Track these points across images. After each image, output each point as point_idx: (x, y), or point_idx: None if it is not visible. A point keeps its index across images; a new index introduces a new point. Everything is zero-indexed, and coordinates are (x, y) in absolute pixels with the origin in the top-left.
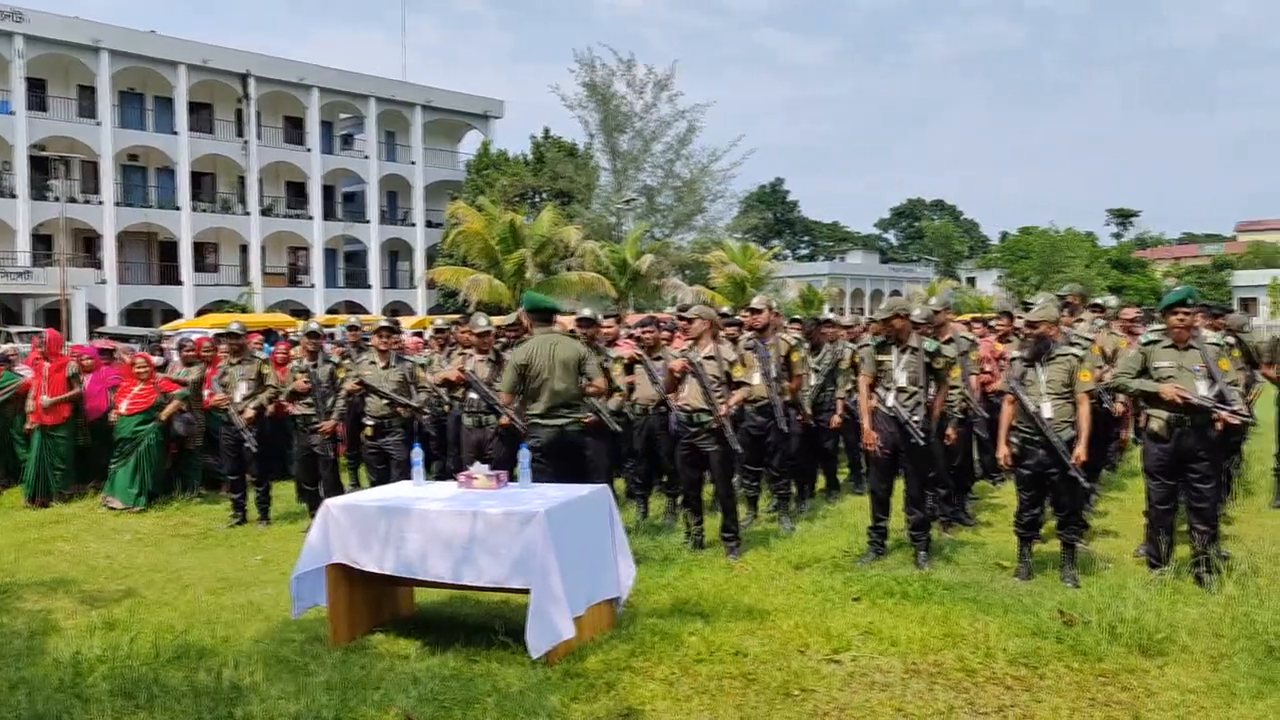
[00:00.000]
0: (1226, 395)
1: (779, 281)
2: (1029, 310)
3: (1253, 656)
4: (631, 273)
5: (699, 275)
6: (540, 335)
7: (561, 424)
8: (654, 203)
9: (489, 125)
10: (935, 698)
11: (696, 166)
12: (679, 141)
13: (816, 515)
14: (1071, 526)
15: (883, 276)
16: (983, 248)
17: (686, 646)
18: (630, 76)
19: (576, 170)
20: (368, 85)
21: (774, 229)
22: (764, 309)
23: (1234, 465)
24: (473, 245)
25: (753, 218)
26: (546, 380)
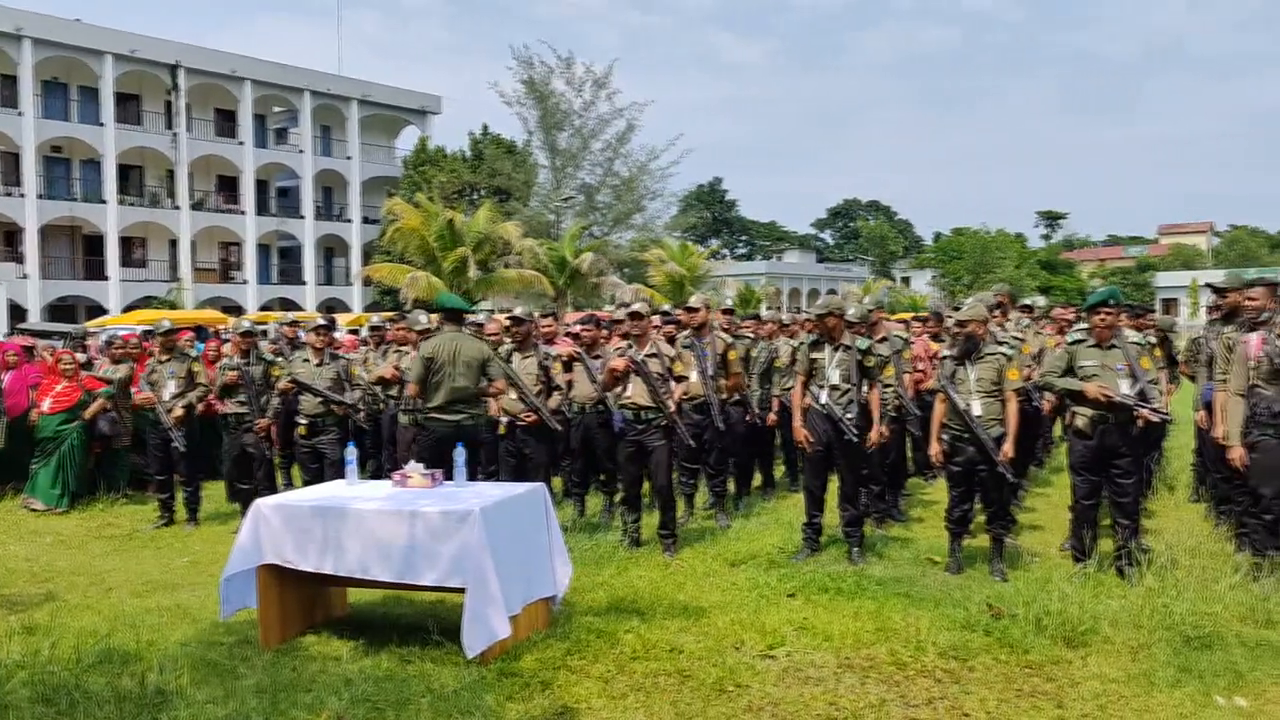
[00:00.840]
0: (1147, 393)
1: (717, 280)
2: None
3: (1170, 646)
4: (570, 271)
5: (638, 273)
6: (447, 333)
7: (458, 419)
8: (593, 201)
9: (427, 121)
10: (867, 691)
11: (635, 165)
12: (618, 140)
13: (753, 512)
14: (1000, 522)
15: (819, 276)
16: (917, 248)
17: (622, 644)
18: (569, 74)
19: (515, 168)
20: (302, 78)
21: (712, 228)
22: (701, 307)
23: (1154, 461)
24: (410, 242)
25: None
26: (448, 376)
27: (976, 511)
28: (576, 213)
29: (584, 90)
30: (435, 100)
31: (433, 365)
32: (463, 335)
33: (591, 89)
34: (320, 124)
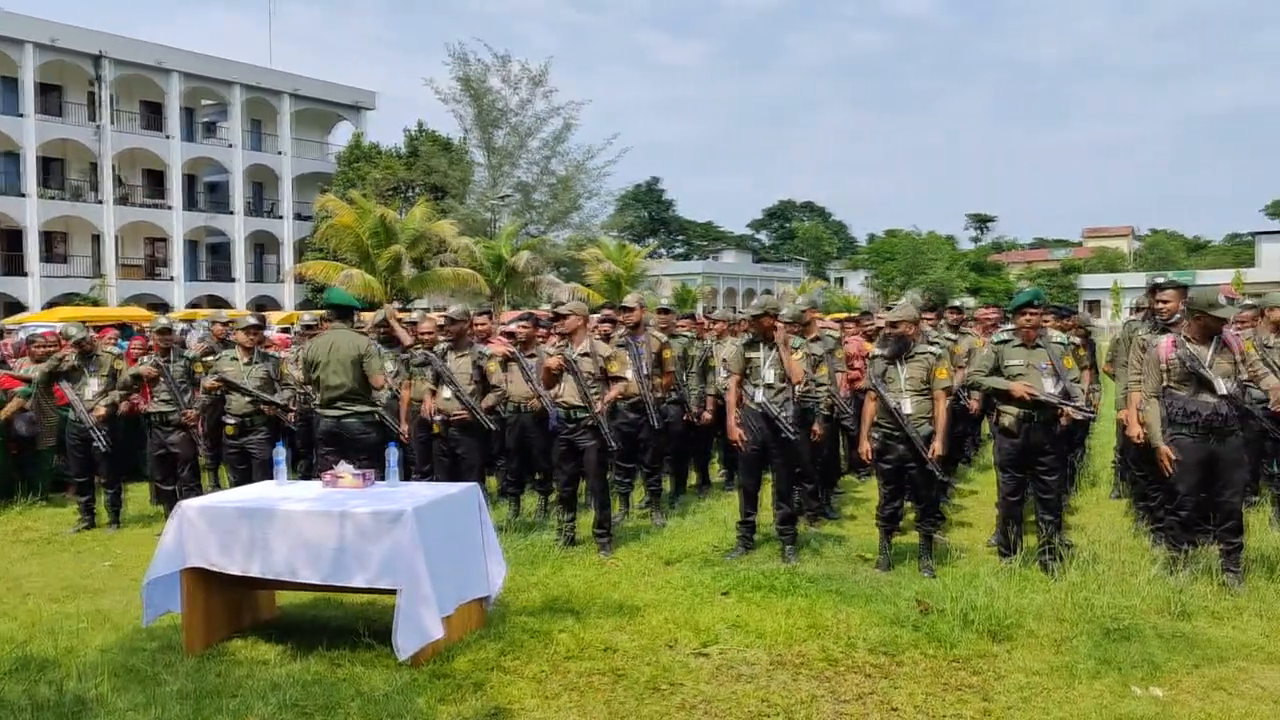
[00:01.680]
0: (1071, 392)
1: (654, 279)
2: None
3: (1092, 639)
4: (507, 269)
5: (575, 272)
6: (330, 331)
7: (338, 415)
8: (530, 199)
9: (361, 116)
10: (799, 687)
11: (572, 164)
12: (555, 138)
13: (688, 511)
14: (930, 519)
15: (755, 276)
16: (851, 249)
17: (557, 644)
18: (505, 72)
19: (451, 165)
20: (232, 71)
21: (650, 227)
22: (636, 306)
23: (1078, 458)
24: (344, 239)
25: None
26: (323, 374)
27: (907, 509)
28: (513, 211)
29: (520, 88)
30: (370, 96)
31: (313, 363)
32: (342, 332)
33: (528, 87)
34: (251, 118)
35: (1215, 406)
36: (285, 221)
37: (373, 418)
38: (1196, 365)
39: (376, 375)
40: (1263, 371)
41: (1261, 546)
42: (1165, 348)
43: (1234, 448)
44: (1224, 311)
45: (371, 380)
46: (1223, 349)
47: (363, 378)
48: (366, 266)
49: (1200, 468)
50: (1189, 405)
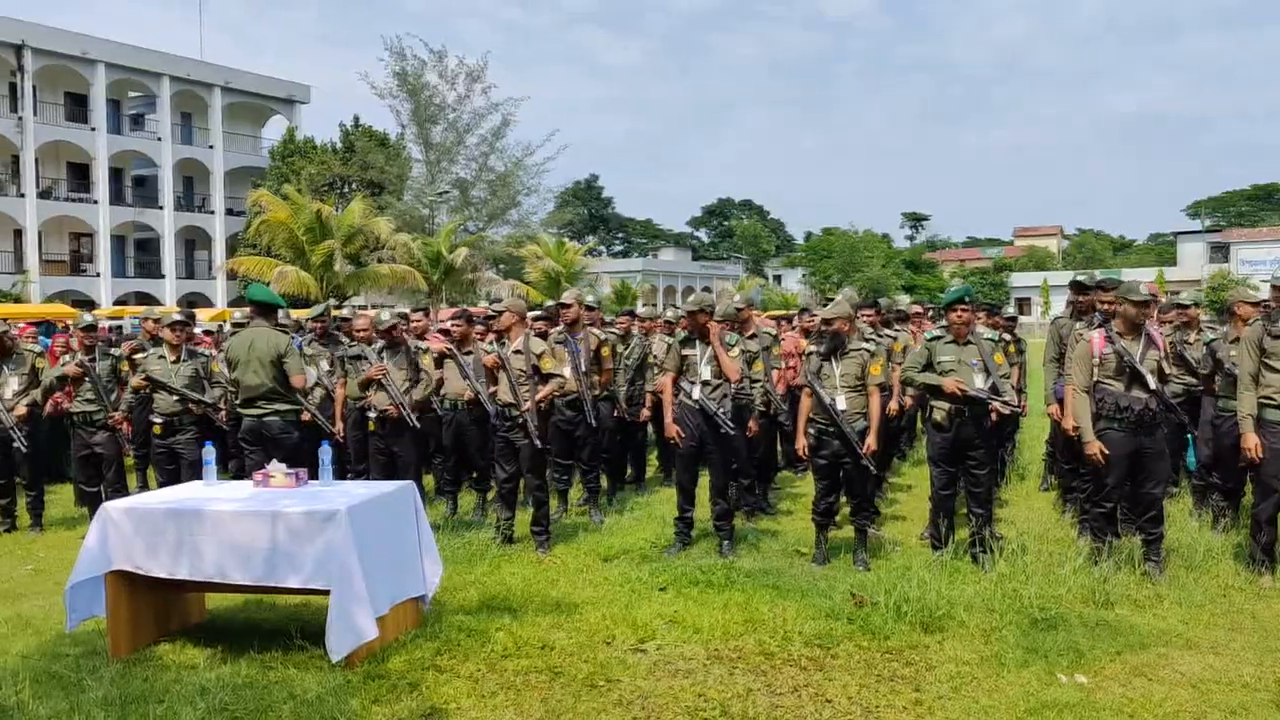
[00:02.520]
0: (1000, 387)
1: (593, 277)
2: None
3: (1019, 629)
4: (445, 266)
5: (514, 269)
6: (250, 329)
7: (259, 414)
8: (468, 196)
9: (295, 110)
10: (735, 681)
11: (511, 160)
12: (493, 135)
13: (626, 508)
14: (864, 513)
15: (694, 273)
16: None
17: (493, 642)
18: (442, 68)
19: (388, 161)
20: (161, 62)
21: (589, 225)
22: (573, 303)
23: (1008, 452)
24: (277, 235)
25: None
26: (242, 373)
27: (842, 503)
28: (451, 208)
29: (458, 84)
30: (304, 90)
31: (232, 362)
32: (262, 330)
33: (465, 83)
34: (180, 111)
35: (1146, 401)
36: (217, 217)
37: (295, 417)
38: (1131, 360)
39: (296, 374)
40: (1177, 372)
41: (1181, 537)
42: (1097, 343)
43: (1158, 441)
44: (1141, 294)
45: (291, 379)
46: (1150, 345)
47: (283, 376)
48: (301, 263)
49: (1127, 461)
50: (1121, 400)
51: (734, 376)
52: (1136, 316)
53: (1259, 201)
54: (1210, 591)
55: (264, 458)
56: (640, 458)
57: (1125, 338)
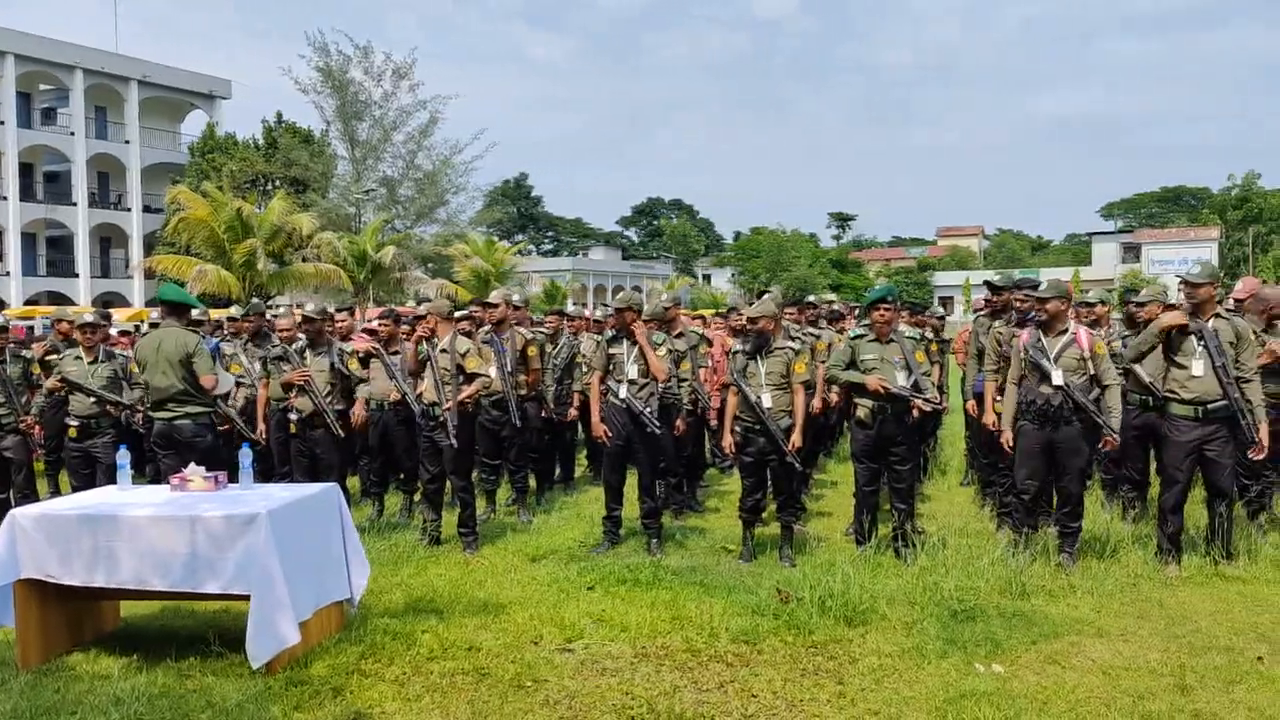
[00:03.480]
0: (921, 385)
1: (523, 276)
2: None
3: (939, 620)
4: (371, 265)
5: (442, 268)
6: (159, 329)
7: (170, 417)
8: (395, 194)
9: (215, 106)
10: (661, 679)
11: (438, 158)
12: (420, 133)
13: (554, 507)
14: (790, 510)
15: (624, 273)
16: (717, 246)
17: (419, 645)
18: (368, 64)
19: (312, 158)
20: (73, 54)
21: (518, 224)
22: (500, 303)
23: (930, 448)
24: (197, 233)
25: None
26: (151, 374)
27: (769, 500)
28: (378, 206)
29: (384, 80)
30: (224, 84)
31: (141, 363)
32: (171, 330)
33: (392, 79)
34: (94, 105)
35: (1049, 396)
36: (133, 214)
37: (207, 419)
38: (1038, 355)
39: (205, 375)
40: (1110, 380)
41: (1093, 528)
42: (1024, 338)
43: (1070, 436)
44: (1042, 291)
45: (200, 380)
46: (1071, 344)
47: (192, 378)
48: (222, 262)
49: (1039, 454)
50: (1029, 394)
51: (661, 376)
52: (1056, 314)
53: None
54: (1120, 581)
55: (178, 462)
56: (568, 457)
57: (1048, 335)
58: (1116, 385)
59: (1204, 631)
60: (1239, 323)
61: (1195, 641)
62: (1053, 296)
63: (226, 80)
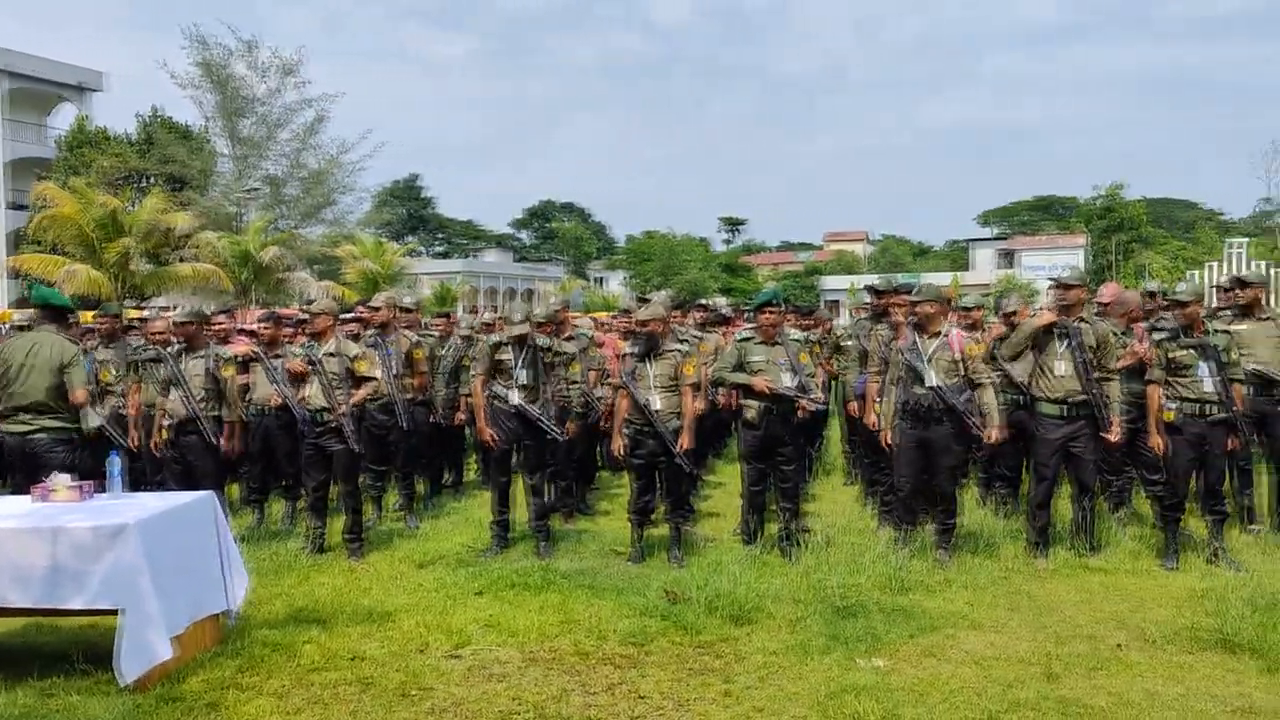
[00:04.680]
0: (806, 386)
1: (413, 278)
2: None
3: (824, 617)
4: (254, 266)
5: (330, 270)
6: (34, 333)
7: (23, 431)
8: (280, 193)
9: (86, 99)
10: (550, 683)
11: (326, 157)
12: (307, 130)
13: (443, 512)
14: (680, 511)
15: (517, 275)
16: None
17: (301, 656)
18: (252, 59)
19: (191, 154)
20: None
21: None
22: (383, 305)
23: (816, 448)
24: (65, 231)
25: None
26: (13, 381)
27: (659, 502)
28: (262, 205)
29: (270, 76)
30: (96, 76)
31: (5, 367)
32: (48, 335)
33: (278, 75)
34: None
35: (921, 397)
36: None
37: (67, 435)
38: (913, 356)
39: (77, 389)
40: (984, 380)
41: (968, 524)
42: (901, 341)
43: (942, 436)
44: (916, 294)
45: (71, 393)
46: (945, 346)
47: (61, 388)
48: (93, 261)
49: (916, 453)
50: (905, 395)
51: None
52: (932, 317)
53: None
54: (993, 574)
55: (27, 480)
56: (458, 461)
57: (924, 336)
58: (990, 384)
59: (1069, 621)
60: (1101, 325)
61: (1061, 631)
62: (925, 300)
63: (98, 72)
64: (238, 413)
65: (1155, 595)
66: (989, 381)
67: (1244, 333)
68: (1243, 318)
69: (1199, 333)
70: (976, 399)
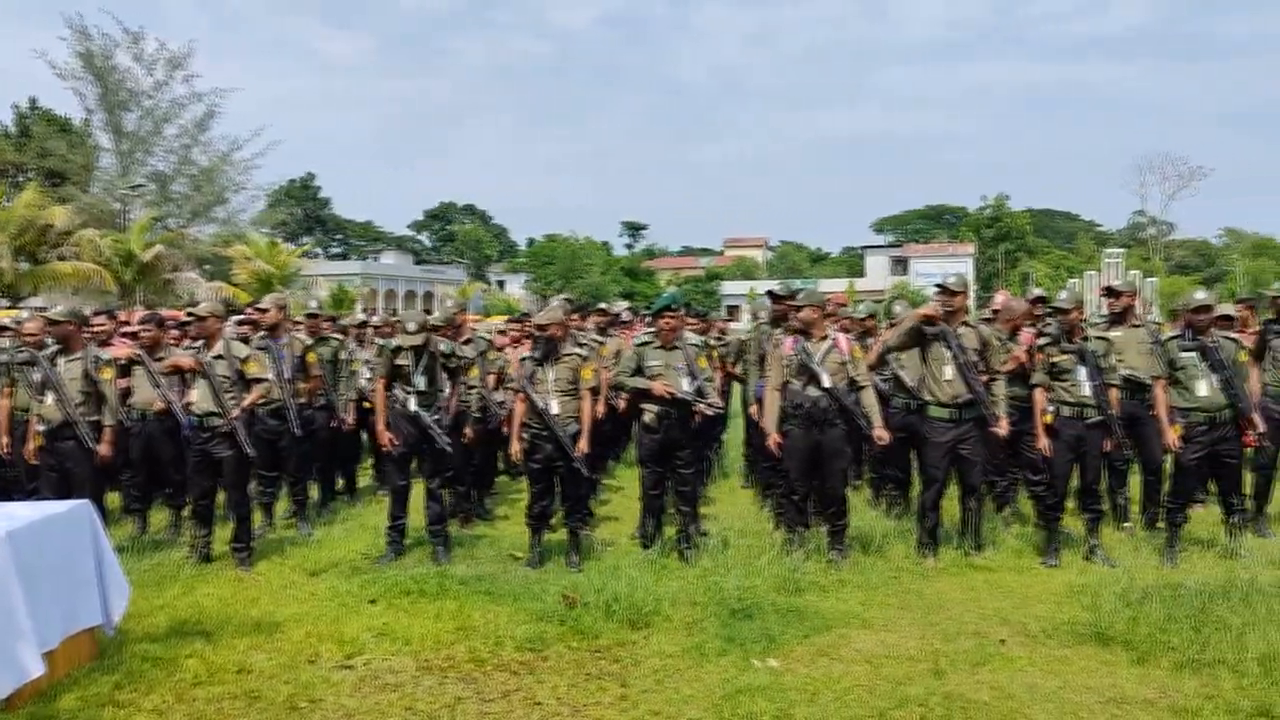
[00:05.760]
0: (704, 390)
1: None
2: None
3: (720, 619)
4: (139, 265)
5: (220, 270)
6: None
7: None
8: (167, 190)
9: None
10: (445, 691)
11: (216, 154)
12: (196, 126)
13: (337, 519)
14: (577, 515)
15: (416, 278)
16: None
17: (183, 670)
18: (138, 50)
19: (71, 148)
20: None
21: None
22: (271, 307)
23: (715, 451)
24: None
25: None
26: None
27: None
28: (148, 202)
29: (156, 69)
30: None
31: None
32: None
33: (166, 69)
34: None
35: (817, 399)
36: None
37: None
38: (808, 359)
39: None
40: (865, 381)
41: (861, 525)
42: (788, 345)
43: (835, 438)
44: (799, 299)
45: None
46: (833, 349)
47: None
48: None
49: (807, 456)
50: (796, 398)
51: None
52: (815, 322)
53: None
54: (884, 574)
55: None
56: (351, 466)
57: (811, 340)
58: (870, 386)
59: (956, 618)
60: (984, 329)
61: (949, 628)
62: (807, 304)
63: None
64: (116, 417)
65: (1036, 591)
66: (869, 384)
67: (1118, 339)
68: (1116, 325)
69: (1078, 339)
70: (859, 400)
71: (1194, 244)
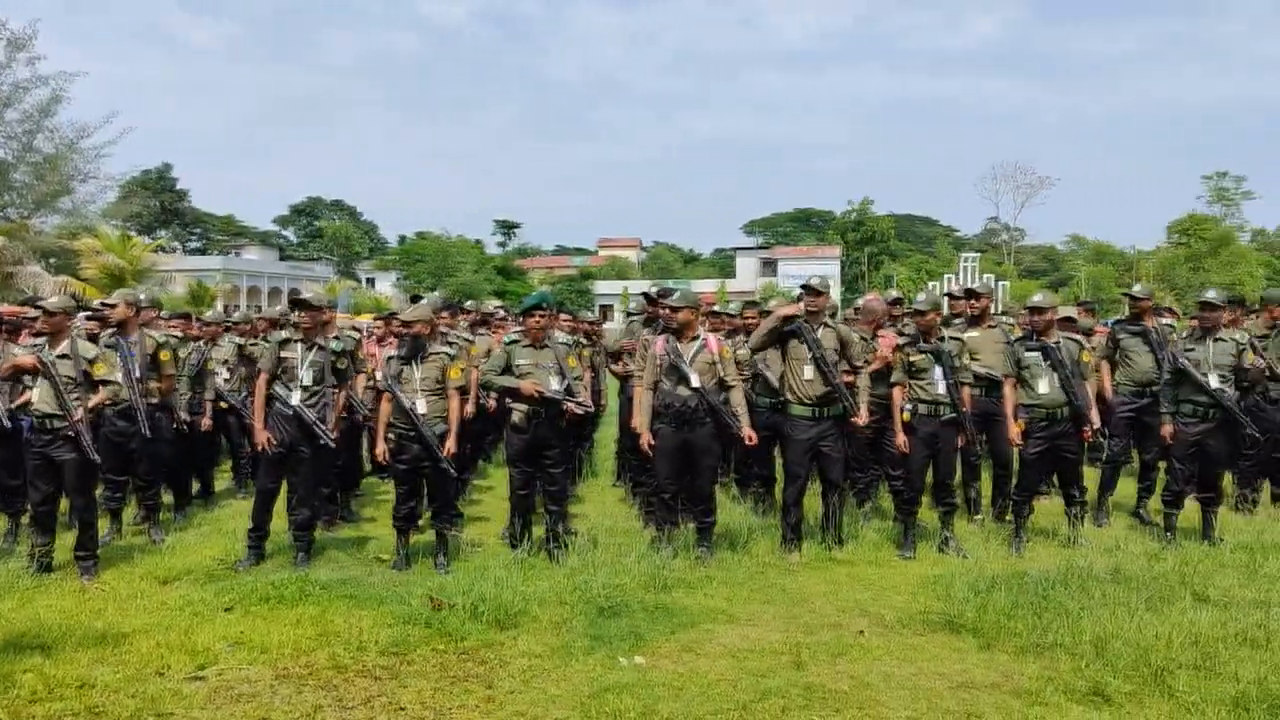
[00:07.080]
0: (574, 389)
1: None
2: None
3: (587, 618)
4: None
5: (66, 264)
6: None
7: None
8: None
9: None
10: (303, 700)
11: (62, 141)
12: (40, 111)
13: (192, 524)
14: (444, 515)
15: (281, 274)
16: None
17: (19, 686)
18: None
19: None
20: None
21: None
22: (119, 303)
23: (585, 450)
24: None
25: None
26: None
27: (424, 507)
28: None
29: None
30: None
31: None
32: None
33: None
34: None
35: (686, 399)
36: None
37: None
38: (678, 360)
39: None
40: (734, 382)
41: (727, 522)
42: (659, 345)
43: (704, 437)
44: (675, 301)
45: None
46: (703, 349)
47: None
48: None
49: (677, 454)
50: (666, 397)
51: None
52: (689, 323)
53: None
54: (750, 570)
55: None
56: (207, 470)
57: (682, 341)
58: (739, 386)
59: (817, 611)
60: (843, 329)
61: (810, 621)
62: (684, 306)
63: None
64: None
65: (894, 583)
66: (738, 384)
67: (975, 339)
68: (975, 325)
69: (934, 339)
70: (729, 399)
71: (1043, 249)
